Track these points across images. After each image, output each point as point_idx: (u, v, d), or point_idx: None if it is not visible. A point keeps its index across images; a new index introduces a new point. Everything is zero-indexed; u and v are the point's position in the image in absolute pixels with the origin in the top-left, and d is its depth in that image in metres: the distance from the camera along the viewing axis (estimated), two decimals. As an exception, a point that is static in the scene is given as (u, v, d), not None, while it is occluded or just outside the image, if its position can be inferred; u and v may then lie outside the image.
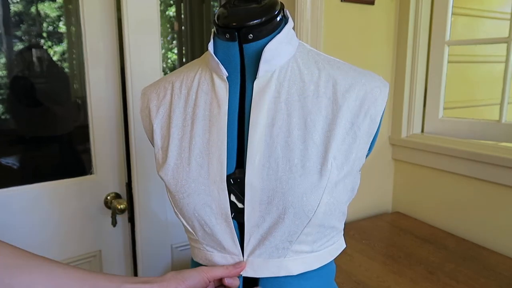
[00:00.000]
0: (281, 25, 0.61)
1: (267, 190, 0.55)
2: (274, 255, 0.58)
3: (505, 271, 1.15)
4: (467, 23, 1.88)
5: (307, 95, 0.58)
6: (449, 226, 1.45)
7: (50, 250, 1.11)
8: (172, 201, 0.61)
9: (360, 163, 0.59)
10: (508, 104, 1.35)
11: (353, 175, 0.58)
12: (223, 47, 0.61)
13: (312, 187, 0.54)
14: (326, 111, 0.57)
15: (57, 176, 1.13)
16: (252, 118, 0.57)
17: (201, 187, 0.58)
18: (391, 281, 1.10)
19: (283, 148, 0.56)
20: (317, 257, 0.60)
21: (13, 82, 1.15)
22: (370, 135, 0.59)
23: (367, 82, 0.58)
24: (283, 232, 0.56)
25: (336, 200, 0.56)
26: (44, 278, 0.48)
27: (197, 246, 0.63)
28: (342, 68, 0.60)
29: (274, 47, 0.58)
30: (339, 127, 0.56)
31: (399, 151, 1.63)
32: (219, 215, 0.58)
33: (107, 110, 1.15)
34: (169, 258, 1.28)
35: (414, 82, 1.55)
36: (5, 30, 1.10)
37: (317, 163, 0.54)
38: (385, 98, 0.59)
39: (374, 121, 0.58)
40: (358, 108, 0.57)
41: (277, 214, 0.55)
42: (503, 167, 1.24)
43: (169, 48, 2.08)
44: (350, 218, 1.59)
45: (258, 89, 0.59)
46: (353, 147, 0.56)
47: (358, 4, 1.44)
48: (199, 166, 0.59)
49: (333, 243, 0.62)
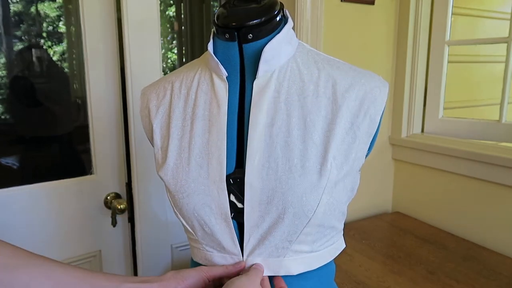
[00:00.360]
0: (281, 25, 0.61)
1: (267, 190, 0.55)
2: (273, 254, 0.58)
3: (505, 271, 1.15)
4: (467, 23, 1.88)
5: (306, 95, 0.58)
6: (449, 226, 1.45)
7: (50, 250, 1.11)
8: (172, 201, 0.61)
9: (359, 163, 0.59)
10: (508, 104, 1.35)
11: (353, 175, 0.58)
12: (222, 47, 0.61)
13: (312, 187, 0.54)
14: (325, 111, 0.57)
15: (57, 176, 1.13)
16: (251, 118, 0.57)
17: (201, 187, 0.58)
18: (391, 281, 1.10)
19: (282, 148, 0.56)
20: (316, 257, 0.60)
21: (13, 82, 1.15)
22: (370, 135, 0.59)
23: (366, 82, 0.58)
24: (283, 232, 0.56)
25: (336, 200, 0.56)
26: (44, 278, 0.48)
27: (196, 246, 0.63)
28: (341, 68, 0.60)
29: (274, 47, 0.58)
30: (338, 127, 0.56)
31: (399, 151, 1.63)
32: (219, 215, 0.58)
33: (107, 110, 1.15)
34: (169, 258, 1.28)
35: (414, 82, 1.55)
36: (5, 30, 1.10)
37: (316, 163, 0.54)
38: (385, 98, 0.59)
39: (374, 121, 0.58)
40: (357, 108, 0.57)
41: (277, 214, 0.55)
42: (503, 167, 1.24)
43: (169, 48, 2.08)
44: (350, 218, 1.59)
45: (258, 89, 0.59)
46: (352, 147, 0.56)
47: (358, 4, 1.44)
48: (198, 166, 0.59)
49: (332, 243, 0.62)
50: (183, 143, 0.61)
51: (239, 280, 0.52)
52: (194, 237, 0.62)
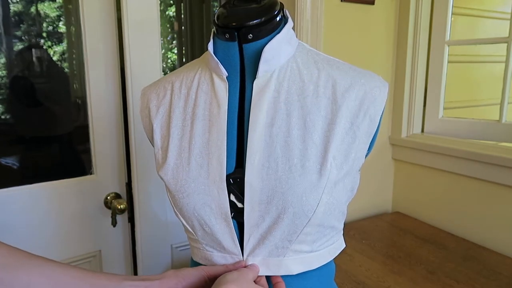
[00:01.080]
0: (281, 25, 0.61)
1: (267, 190, 0.55)
2: (273, 254, 0.58)
3: (505, 271, 1.15)
4: (467, 23, 1.88)
5: (306, 95, 0.58)
6: (449, 226, 1.45)
7: (50, 250, 1.11)
8: (172, 201, 0.61)
9: (359, 162, 0.59)
10: (508, 104, 1.35)
11: (353, 175, 0.58)
12: (222, 47, 0.61)
13: (312, 187, 0.54)
14: (325, 111, 0.57)
15: (57, 176, 1.13)
16: (251, 118, 0.57)
17: (201, 187, 0.58)
18: (391, 281, 1.10)
19: (282, 148, 0.56)
20: (316, 256, 0.60)
21: (13, 82, 1.15)
22: (370, 135, 0.59)
23: (366, 82, 0.58)
24: (283, 231, 0.56)
25: (336, 200, 0.56)
26: (44, 278, 0.48)
27: (196, 246, 0.63)
28: (341, 68, 0.60)
29: (274, 47, 0.58)
30: (338, 127, 0.56)
31: (399, 151, 1.63)
32: (219, 214, 0.58)
33: (107, 110, 1.15)
34: (169, 258, 1.28)
35: (414, 82, 1.55)
36: (5, 30, 1.10)
37: (316, 163, 0.54)
38: (385, 98, 0.59)
39: (374, 121, 0.58)
40: (357, 108, 0.57)
41: (277, 214, 0.55)
42: (503, 167, 1.24)
43: (169, 48, 2.08)
44: (350, 218, 1.59)
45: (258, 89, 0.59)
46: (352, 147, 0.56)
47: (358, 4, 1.44)
48: (198, 166, 0.59)
49: (332, 242, 0.62)
50: (183, 143, 0.61)
51: (230, 275, 0.52)
52: (194, 237, 0.62)
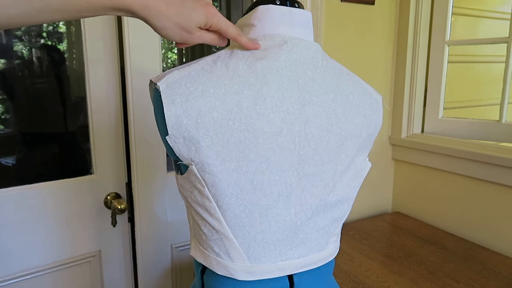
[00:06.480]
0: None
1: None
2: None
3: (505, 271, 1.15)
4: (467, 23, 1.88)
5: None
6: (449, 226, 1.45)
7: (50, 250, 1.11)
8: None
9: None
10: (508, 104, 1.35)
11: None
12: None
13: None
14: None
15: (57, 176, 1.13)
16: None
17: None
18: (391, 281, 1.10)
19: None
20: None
21: (13, 82, 1.15)
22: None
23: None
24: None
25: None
26: None
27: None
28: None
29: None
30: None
31: (399, 151, 1.63)
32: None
33: (107, 110, 1.15)
34: (169, 258, 1.28)
35: (414, 82, 1.55)
36: (5, 30, 1.10)
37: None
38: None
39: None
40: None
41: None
42: (503, 167, 1.24)
43: (169, 48, 2.08)
44: (350, 218, 1.59)
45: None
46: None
47: (358, 4, 1.44)
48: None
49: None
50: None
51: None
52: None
